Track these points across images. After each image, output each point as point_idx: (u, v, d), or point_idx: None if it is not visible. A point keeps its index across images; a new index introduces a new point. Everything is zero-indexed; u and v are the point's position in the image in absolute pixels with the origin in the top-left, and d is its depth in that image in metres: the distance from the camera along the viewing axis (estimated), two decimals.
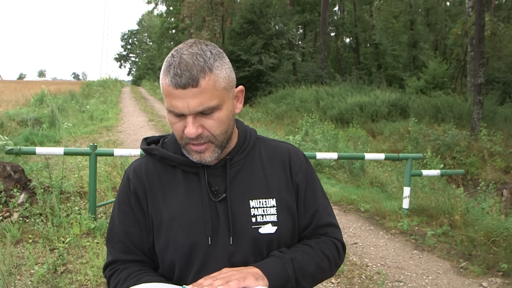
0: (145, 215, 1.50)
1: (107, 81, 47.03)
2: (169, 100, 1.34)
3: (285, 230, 1.50)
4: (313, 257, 1.51)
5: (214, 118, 1.37)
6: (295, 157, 1.61)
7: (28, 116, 14.81)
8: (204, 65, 1.33)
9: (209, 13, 30.38)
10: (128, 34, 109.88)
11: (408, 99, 20.88)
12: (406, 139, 13.67)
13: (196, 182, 1.48)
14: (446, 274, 5.16)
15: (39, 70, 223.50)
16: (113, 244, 1.54)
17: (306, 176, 1.60)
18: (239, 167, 1.52)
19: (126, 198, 1.53)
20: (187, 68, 1.31)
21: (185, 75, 1.30)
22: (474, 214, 6.54)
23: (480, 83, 14.87)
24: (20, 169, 6.65)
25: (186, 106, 1.32)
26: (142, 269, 1.49)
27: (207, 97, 1.33)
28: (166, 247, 1.46)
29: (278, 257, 1.44)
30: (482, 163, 12.05)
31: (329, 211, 1.66)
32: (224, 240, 1.43)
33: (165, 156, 1.51)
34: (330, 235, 1.61)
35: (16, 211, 5.98)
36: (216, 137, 1.39)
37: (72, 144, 12.22)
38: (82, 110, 20.47)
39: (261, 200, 1.49)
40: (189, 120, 1.34)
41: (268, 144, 1.64)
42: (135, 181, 1.52)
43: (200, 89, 1.31)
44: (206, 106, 1.33)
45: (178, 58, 1.33)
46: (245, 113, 22.37)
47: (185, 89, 1.30)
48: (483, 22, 14.83)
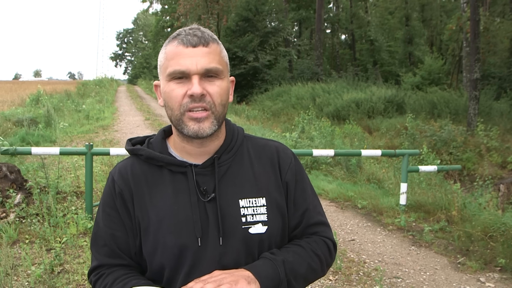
0: (132, 218, 1.46)
1: (103, 81, 46.92)
2: (175, 61, 1.36)
3: (276, 230, 1.48)
4: (305, 258, 1.49)
5: (217, 85, 1.38)
6: (284, 155, 1.59)
7: (23, 116, 14.76)
8: (212, 35, 1.41)
9: (205, 11, 30.38)
10: (124, 33, 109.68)
11: (404, 95, 20.90)
12: (402, 135, 13.68)
13: (184, 182, 1.45)
14: (443, 269, 5.16)
15: (35, 70, 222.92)
16: (98, 248, 1.51)
17: (296, 175, 1.58)
18: (228, 165, 1.49)
19: (111, 201, 1.49)
20: (198, 30, 1.38)
21: (197, 35, 1.36)
22: (471, 209, 6.55)
23: (475, 79, 14.90)
24: (16, 169, 6.63)
25: (194, 63, 1.34)
26: (129, 273, 1.46)
27: (216, 59, 1.37)
28: (154, 250, 1.43)
29: (269, 259, 1.42)
30: (478, 159, 12.09)
31: (319, 209, 1.63)
32: (214, 241, 1.41)
33: (152, 156, 1.48)
34: (321, 234, 1.59)
35: (13, 212, 5.96)
36: (216, 106, 1.38)
37: (68, 144, 12.19)
38: (78, 110, 20.42)
39: (251, 200, 1.46)
40: (195, 79, 1.34)
41: (256, 142, 1.61)
42: (121, 183, 1.48)
43: (209, 50, 1.36)
44: (214, 65, 1.36)
45: (187, 29, 1.40)
46: (241, 111, 22.37)
47: (196, 47, 1.35)
48: (478, 17, 14.86)
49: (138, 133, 14.74)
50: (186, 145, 1.47)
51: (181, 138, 1.46)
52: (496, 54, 22.85)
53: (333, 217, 7.09)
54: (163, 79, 1.41)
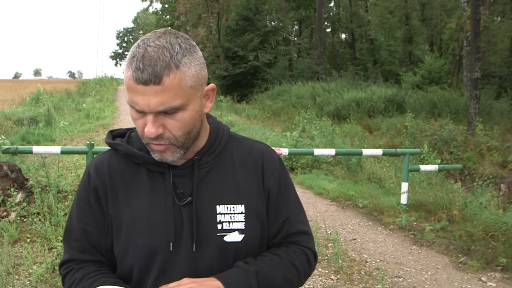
0: (105, 215, 1.42)
1: (103, 79, 46.90)
2: (130, 94, 1.24)
3: (253, 239, 1.42)
4: (281, 268, 1.43)
5: (177, 119, 1.26)
6: (269, 160, 1.51)
7: (24, 115, 14.78)
8: (170, 60, 1.20)
9: (205, 10, 30.40)
10: (124, 32, 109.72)
11: (405, 95, 20.88)
12: (403, 134, 13.68)
13: (161, 183, 1.39)
14: (445, 269, 5.16)
15: (35, 69, 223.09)
16: (70, 242, 1.46)
17: (279, 180, 1.50)
18: (208, 168, 1.42)
19: (86, 195, 1.44)
20: (150, 63, 1.19)
21: (147, 71, 1.18)
22: (472, 209, 6.55)
23: (476, 78, 14.89)
24: (17, 168, 6.63)
25: (146, 104, 1.21)
26: (99, 270, 1.42)
27: (170, 96, 1.21)
28: (125, 250, 1.38)
29: (242, 269, 1.36)
30: (479, 158, 12.09)
31: (301, 218, 1.56)
32: (187, 247, 1.35)
33: (129, 153, 1.41)
34: (301, 244, 1.53)
35: (14, 211, 5.96)
36: (178, 139, 1.29)
37: (68, 143, 12.20)
38: (78, 109, 20.45)
39: (229, 206, 1.40)
40: (149, 118, 1.23)
41: (241, 143, 1.53)
42: (96, 178, 1.42)
43: (162, 87, 1.20)
44: (168, 106, 1.22)
45: (142, 50, 1.21)
46: (242, 110, 22.39)
47: (147, 85, 1.19)
48: (479, 16, 14.84)
49: None
50: None
51: None
52: (496, 54, 22.86)
53: (334, 217, 7.10)
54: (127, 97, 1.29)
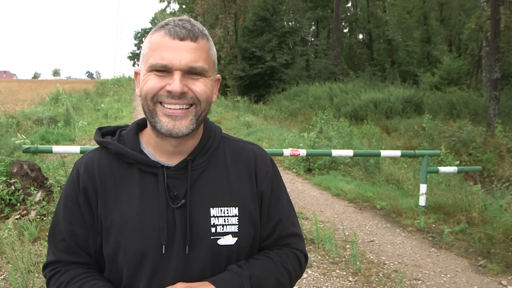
0: (94, 216, 1.37)
1: (120, 80, 47.33)
2: (158, 52, 1.25)
3: (246, 241, 1.41)
4: (273, 272, 1.43)
5: (201, 82, 1.28)
6: (262, 162, 1.50)
7: (43, 115, 14.93)
8: (203, 30, 1.30)
9: (222, 10, 30.51)
10: (141, 32, 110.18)
11: (423, 95, 20.74)
12: (421, 135, 13.58)
13: (153, 184, 1.36)
14: (464, 272, 5.11)
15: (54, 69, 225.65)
16: (56, 243, 1.42)
17: (272, 183, 1.50)
18: (202, 169, 1.40)
19: (74, 195, 1.39)
20: (188, 23, 1.27)
21: (185, 28, 1.25)
22: (492, 211, 6.48)
23: (496, 78, 14.73)
24: (37, 167, 6.70)
25: (179, 59, 1.23)
26: (87, 272, 1.39)
27: (203, 56, 1.27)
28: (115, 252, 1.34)
29: (236, 273, 1.35)
30: (499, 160, 11.95)
31: (293, 220, 1.56)
32: (179, 250, 1.33)
33: (121, 152, 1.38)
34: (293, 246, 1.53)
35: (34, 209, 6.03)
36: (201, 102, 1.29)
37: (87, 143, 12.30)
38: (97, 109, 20.62)
39: (223, 209, 1.38)
40: (177, 75, 1.24)
41: (234, 145, 1.51)
42: (85, 178, 1.38)
43: (197, 46, 1.26)
44: (199, 64, 1.26)
45: (176, 18, 1.28)
46: (259, 111, 22.38)
47: (183, 41, 1.24)
48: (499, 16, 14.67)
49: None
50: (160, 142, 1.37)
51: (155, 133, 1.36)
52: None
53: (352, 218, 7.07)
54: (143, 68, 1.31)
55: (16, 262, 4.44)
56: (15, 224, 5.56)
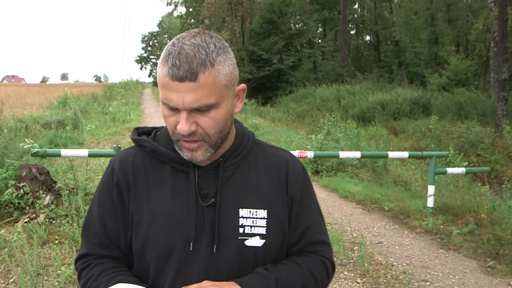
0: (126, 210, 1.41)
1: (128, 83, 47.45)
2: (164, 91, 1.25)
3: (274, 245, 1.41)
4: (300, 278, 1.42)
5: (210, 117, 1.27)
6: (293, 169, 1.50)
7: (51, 119, 15.01)
8: (206, 58, 1.22)
9: (229, 13, 30.55)
10: (149, 36, 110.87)
11: (430, 96, 20.68)
12: (428, 137, 13.54)
13: (184, 182, 1.39)
14: (473, 273, 5.09)
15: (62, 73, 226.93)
16: (89, 236, 1.46)
17: (302, 190, 1.50)
18: (233, 171, 1.42)
19: (108, 190, 1.44)
20: (187, 60, 1.21)
21: (183, 67, 1.20)
22: (500, 212, 6.46)
23: (504, 79, 14.66)
24: (46, 171, 6.73)
25: (181, 101, 1.22)
26: (116, 267, 1.41)
27: (205, 93, 1.23)
28: (144, 247, 1.37)
29: (262, 275, 1.35)
30: (507, 160, 11.89)
31: (321, 228, 1.56)
32: (207, 248, 1.34)
33: (155, 150, 1.41)
34: (320, 254, 1.52)
35: (42, 213, 6.06)
36: (210, 136, 1.29)
37: (95, 146, 12.35)
38: (105, 112, 20.69)
39: (252, 210, 1.39)
40: (183, 115, 1.24)
41: (266, 150, 1.52)
42: (119, 173, 1.42)
43: (198, 84, 1.21)
44: (202, 103, 1.23)
45: (178, 48, 1.23)
46: (266, 113, 22.40)
47: (182, 82, 1.21)
48: (506, 17, 14.61)
49: None
50: None
51: None
52: None
53: (360, 220, 7.06)
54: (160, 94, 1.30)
55: (26, 265, 4.47)
56: (24, 228, 5.60)
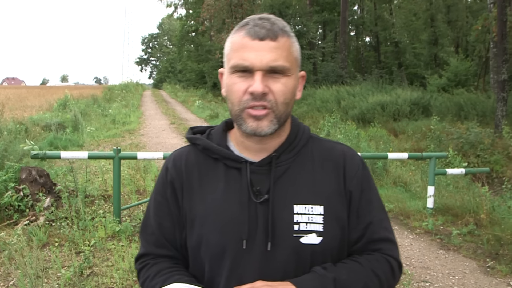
0: (180, 209, 1.42)
1: (128, 85, 47.49)
2: (239, 53, 1.28)
3: (332, 242, 1.35)
4: (361, 277, 1.33)
5: (282, 82, 1.28)
6: (351, 162, 1.44)
7: (51, 121, 15.01)
8: (284, 27, 1.30)
9: (229, 15, 30.56)
10: (149, 37, 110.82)
11: (430, 97, 20.65)
12: (428, 138, 13.53)
13: (237, 179, 1.37)
14: (473, 273, 5.09)
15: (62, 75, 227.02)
16: (146, 236, 1.48)
17: (362, 183, 1.43)
18: (286, 166, 1.38)
19: (162, 189, 1.46)
20: (268, 22, 1.28)
21: (265, 27, 1.26)
22: (500, 212, 6.46)
23: (503, 80, 14.66)
24: (45, 173, 6.74)
25: (259, 59, 1.25)
26: (173, 267, 1.41)
27: (283, 55, 1.27)
28: (198, 245, 1.37)
29: (319, 274, 1.29)
30: (507, 161, 11.87)
31: (385, 224, 1.46)
32: (261, 246, 1.31)
33: (208, 147, 1.42)
34: (385, 252, 1.42)
35: (42, 215, 6.06)
36: (278, 105, 1.29)
37: (95, 148, 12.35)
38: (105, 114, 20.69)
39: (307, 206, 1.34)
40: (258, 76, 1.25)
41: (322, 144, 1.47)
42: (173, 172, 1.44)
43: (277, 44, 1.27)
44: (280, 63, 1.26)
45: (257, 17, 1.31)
46: None
47: (263, 40, 1.25)
48: (506, 17, 14.61)
49: (164, 137, 14.87)
50: (245, 140, 1.40)
51: (240, 132, 1.39)
52: None
53: None
54: (226, 69, 1.34)
55: (25, 268, 4.48)
56: (24, 230, 5.60)
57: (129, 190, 7.66)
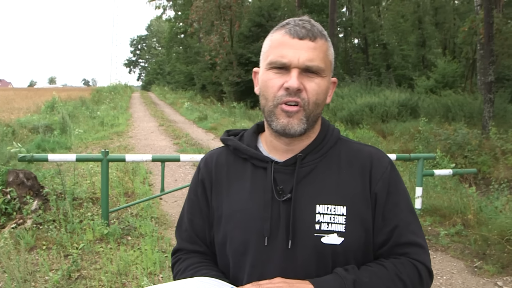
0: (209, 207, 1.49)
1: (117, 87, 47.33)
2: (277, 50, 1.32)
3: (354, 244, 1.34)
4: (384, 281, 1.31)
5: (316, 82, 1.32)
6: (378, 163, 1.43)
7: (39, 123, 14.91)
8: (322, 31, 1.36)
9: (217, 17, 30.50)
10: (137, 39, 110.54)
11: (418, 99, 20.77)
12: (416, 139, 13.60)
13: (262, 178, 1.40)
14: (460, 273, 5.13)
15: (50, 77, 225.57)
16: (181, 232, 1.57)
17: (389, 186, 1.41)
18: (312, 167, 1.39)
19: (195, 187, 1.54)
20: (308, 24, 1.34)
21: (305, 28, 1.32)
22: (487, 213, 6.50)
23: (490, 81, 14.77)
24: (33, 176, 6.70)
25: (297, 57, 1.29)
26: (203, 262, 1.47)
27: (320, 56, 1.32)
28: (223, 242, 1.43)
29: (339, 275, 1.28)
30: (494, 162, 11.96)
31: (413, 228, 1.41)
32: (282, 244, 1.33)
33: (238, 147, 1.47)
34: (412, 256, 1.38)
35: (30, 218, 6.02)
36: (310, 104, 1.32)
37: (83, 150, 12.28)
38: (93, 116, 20.59)
39: (329, 206, 1.34)
40: (294, 72, 1.29)
41: (351, 146, 1.48)
42: (204, 171, 1.52)
43: (315, 45, 1.32)
44: (316, 63, 1.31)
45: (297, 18, 1.37)
46: (255, 116, 22.39)
47: (302, 40, 1.30)
48: (492, 20, 14.73)
49: (152, 139, 14.82)
50: (274, 140, 1.43)
51: (269, 132, 1.43)
52: (510, 57, 22.59)
53: None
54: (263, 66, 1.39)
55: (13, 271, 4.45)
56: (11, 233, 5.56)
57: (117, 192, 7.63)
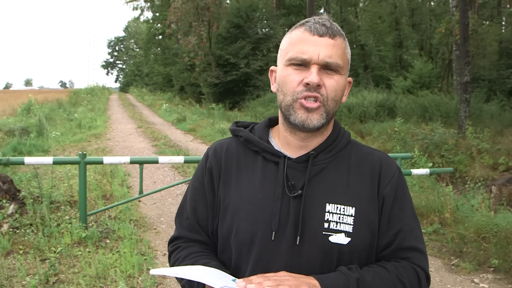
0: (215, 196, 1.47)
1: (94, 89, 46.96)
2: (297, 47, 1.34)
3: (360, 245, 1.36)
4: (386, 282, 1.33)
5: (335, 79, 1.35)
6: (387, 168, 1.46)
7: (15, 126, 14.71)
8: (340, 29, 1.38)
9: (195, 18, 30.44)
10: (115, 41, 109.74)
11: (395, 99, 20.96)
12: (394, 139, 13.72)
13: (274, 172, 1.40)
14: (438, 271, 5.19)
15: (26, 79, 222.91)
16: (181, 220, 1.54)
17: (396, 191, 1.43)
18: (323, 166, 1.41)
19: (201, 175, 1.51)
20: (328, 22, 1.36)
21: (325, 26, 1.34)
22: (464, 211, 6.59)
23: (466, 82, 14.97)
24: (9, 179, 6.62)
25: (317, 53, 1.31)
26: (203, 252, 1.46)
27: (339, 53, 1.35)
28: (228, 234, 1.41)
29: (344, 274, 1.30)
30: (470, 161, 12.14)
31: (416, 234, 1.45)
32: (289, 239, 1.34)
33: (250, 139, 1.47)
34: (413, 261, 1.41)
35: (6, 222, 5.95)
36: (329, 101, 1.35)
37: (61, 153, 12.15)
38: (70, 119, 20.38)
39: (339, 206, 1.36)
40: (314, 68, 1.31)
41: (361, 150, 1.51)
42: (213, 159, 1.50)
43: (335, 43, 1.34)
44: (334, 60, 1.33)
45: (317, 17, 1.38)
46: (234, 117, 22.39)
47: (322, 37, 1.33)
48: (467, 21, 14.95)
49: (131, 141, 14.73)
50: (288, 136, 1.43)
51: (285, 127, 1.43)
52: (485, 57, 22.98)
53: None
54: (281, 63, 1.40)
55: None
56: None
57: (95, 195, 7.57)
